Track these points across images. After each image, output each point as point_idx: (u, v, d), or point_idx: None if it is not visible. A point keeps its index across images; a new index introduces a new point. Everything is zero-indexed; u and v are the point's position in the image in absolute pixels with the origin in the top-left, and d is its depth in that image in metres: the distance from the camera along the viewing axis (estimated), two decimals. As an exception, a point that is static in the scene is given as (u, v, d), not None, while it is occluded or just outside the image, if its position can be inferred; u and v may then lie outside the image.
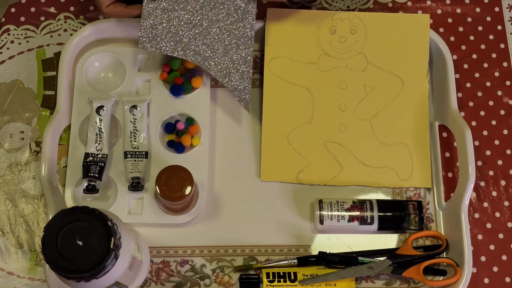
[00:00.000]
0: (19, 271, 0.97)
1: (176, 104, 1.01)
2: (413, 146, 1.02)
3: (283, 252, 0.98)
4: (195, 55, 0.98)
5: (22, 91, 1.05)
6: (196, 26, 0.99)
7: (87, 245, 0.74)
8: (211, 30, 0.99)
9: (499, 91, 1.07)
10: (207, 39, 0.99)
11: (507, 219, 1.01)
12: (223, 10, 0.99)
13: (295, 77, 1.03)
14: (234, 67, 0.99)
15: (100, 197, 0.98)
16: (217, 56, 0.99)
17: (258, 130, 1.03)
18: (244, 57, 0.99)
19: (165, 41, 0.98)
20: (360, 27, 1.04)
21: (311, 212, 1.00)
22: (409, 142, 1.02)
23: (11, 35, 1.07)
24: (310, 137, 1.02)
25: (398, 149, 1.02)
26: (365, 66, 1.04)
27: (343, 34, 1.04)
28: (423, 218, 0.99)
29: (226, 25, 0.99)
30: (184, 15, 0.98)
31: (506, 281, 0.98)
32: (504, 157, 1.04)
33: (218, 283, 0.96)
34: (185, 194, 0.89)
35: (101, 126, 0.98)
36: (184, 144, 0.99)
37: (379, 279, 0.97)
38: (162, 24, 0.98)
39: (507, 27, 1.11)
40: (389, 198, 1.01)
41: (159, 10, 0.98)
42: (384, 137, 1.02)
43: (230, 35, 0.99)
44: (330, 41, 1.04)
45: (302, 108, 1.03)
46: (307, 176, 1.01)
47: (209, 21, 0.99)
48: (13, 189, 1.00)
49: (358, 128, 1.02)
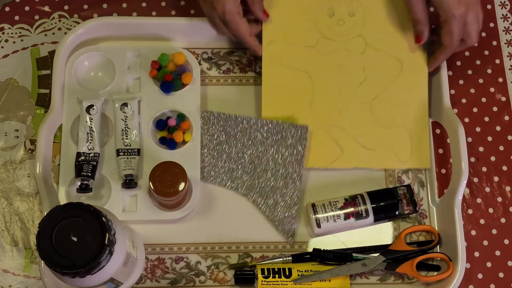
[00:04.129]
0: (14, 269, 0.97)
1: (167, 100, 1.02)
2: (412, 128, 1.02)
3: (278, 248, 0.98)
4: (245, 188, 1.00)
5: (17, 90, 1.05)
6: (246, 162, 1.00)
7: (82, 241, 0.74)
8: (260, 166, 1.00)
9: (491, 88, 1.08)
10: (257, 172, 1.00)
11: (500, 215, 1.02)
12: (272, 150, 1.00)
13: (293, 61, 1.02)
14: (282, 200, 0.99)
15: (94, 196, 0.98)
16: (265, 190, 1.00)
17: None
18: (292, 192, 1.00)
19: (217, 174, 1.00)
20: (358, 9, 1.03)
21: (305, 213, 1.00)
22: (408, 124, 1.02)
23: (6, 34, 1.07)
24: (310, 121, 1.01)
25: (398, 131, 1.01)
26: (364, 48, 1.03)
27: (342, 16, 1.03)
28: (415, 200, 1.00)
29: (275, 160, 1.00)
30: (235, 156, 1.00)
31: (500, 276, 0.99)
32: (497, 153, 1.05)
33: (213, 280, 0.97)
34: (178, 190, 0.90)
35: (91, 125, 0.98)
36: (176, 141, 1.00)
37: (373, 275, 0.98)
38: (215, 160, 1.00)
39: (499, 25, 1.12)
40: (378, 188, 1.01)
41: (213, 150, 1.00)
42: (384, 119, 1.02)
43: (279, 171, 1.00)
44: (329, 24, 1.03)
45: (302, 92, 1.02)
46: (308, 160, 1.00)
47: (259, 159, 1.00)
48: (8, 187, 1.00)
49: (357, 111, 1.02)
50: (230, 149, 1.00)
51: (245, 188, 1.00)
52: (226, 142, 1.00)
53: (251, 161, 1.00)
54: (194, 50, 1.07)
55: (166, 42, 1.06)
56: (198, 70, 1.03)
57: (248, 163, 1.00)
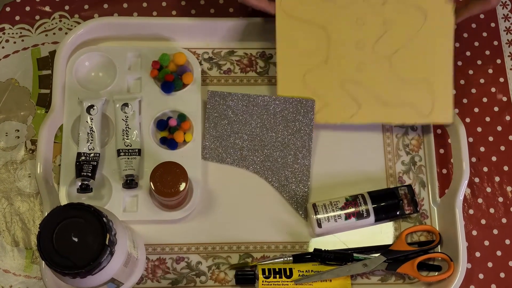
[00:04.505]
0: (15, 269, 0.97)
1: (167, 101, 1.02)
2: (435, 81, 0.98)
3: (279, 249, 0.98)
4: (255, 166, 1.00)
5: (18, 90, 1.05)
6: (256, 140, 1.01)
7: (83, 242, 0.74)
8: (270, 143, 1.01)
9: (493, 88, 1.08)
10: (267, 149, 1.01)
11: (501, 215, 1.02)
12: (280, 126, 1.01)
13: (309, 14, 0.98)
14: (293, 176, 1.00)
15: (95, 196, 0.98)
16: (276, 166, 1.00)
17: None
18: (302, 167, 1.00)
19: (227, 153, 1.00)
20: None
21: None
22: (431, 78, 0.98)
23: (6, 34, 1.07)
24: (326, 77, 0.99)
25: (419, 84, 0.99)
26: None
27: None
28: (416, 200, 0.99)
29: (284, 136, 1.01)
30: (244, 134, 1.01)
31: (501, 276, 0.99)
32: (498, 153, 1.05)
33: (214, 280, 0.97)
34: (179, 190, 0.90)
35: (92, 125, 0.98)
36: (177, 141, 1.00)
37: (374, 275, 0.98)
38: (223, 140, 1.01)
39: (501, 24, 1.12)
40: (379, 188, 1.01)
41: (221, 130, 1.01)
42: (405, 73, 0.98)
43: (288, 147, 1.01)
44: None
45: (317, 47, 0.99)
46: (324, 116, 0.99)
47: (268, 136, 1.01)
48: (8, 187, 1.00)
49: (376, 65, 0.98)
50: (239, 128, 1.01)
51: (256, 165, 1.00)
52: (234, 120, 1.01)
53: (260, 138, 1.01)
54: (195, 50, 1.06)
55: (167, 42, 1.06)
56: (199, 70, 1.03)
57: (257, 141, 1.01)
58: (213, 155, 1.01)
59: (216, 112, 1.01)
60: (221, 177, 1.01)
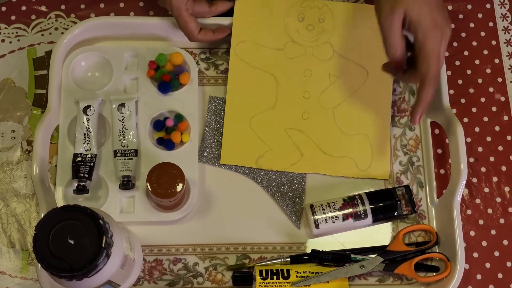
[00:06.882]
0: (11, 270, 0.96)
1: (164, 101, 1.01)
2: (374, 138, 1.02)
3: (276, 249, 0.98)
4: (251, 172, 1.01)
5: (13, 90, 1.04)
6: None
7: (79, 244, 0.74)
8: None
9: (490, 88, 1.08)
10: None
11: (499, 216, 1.02)
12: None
13: (260, 62, 1.03)
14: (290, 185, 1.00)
15: (91, 197, 0.98)
16: (271, 172, 1.01)
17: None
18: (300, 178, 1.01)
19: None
20: (328, 16, 1.04)
21: (303, 214, 1.00)
22: (370, 134, 1.02)
23: (2, 33, 1.07)
24: (272, 122, 1.02)
25: (359, 139, 1.02)
26: (331, 55, 1.03)
27: (311, 22, 1.04)
28: (414, 201, 0.99)
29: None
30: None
31: (499, 277, 0.99)
32: (496, 154, 1.04)
33: (211, 281, 0.96)
34: (176, 191, 0.89)
35: (88, 126, 0.98)
36: (173, 141, 0.99)
37: (372, 276, 0.97)
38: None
39: (499, 24, 1.11)
40: (377, 188, 1.01)
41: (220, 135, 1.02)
42: (346, 126, 1.02)
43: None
44: (298, 28, 1.03)
45: (266, 93, 1.02)
46: (267, 161, 1.01)
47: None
48: (4, 188, 1.00)
49: (320, 116, 1.02)
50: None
51: (252, 172, 1.01)
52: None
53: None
54: (192, 50, 1.06)
55: (164, 42, 1.06)
56: (196, 70, 1.03)
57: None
58: (212, 159, 1.01)
59: (216, 117, 1.02)
60: (218, 178, 1.00)
